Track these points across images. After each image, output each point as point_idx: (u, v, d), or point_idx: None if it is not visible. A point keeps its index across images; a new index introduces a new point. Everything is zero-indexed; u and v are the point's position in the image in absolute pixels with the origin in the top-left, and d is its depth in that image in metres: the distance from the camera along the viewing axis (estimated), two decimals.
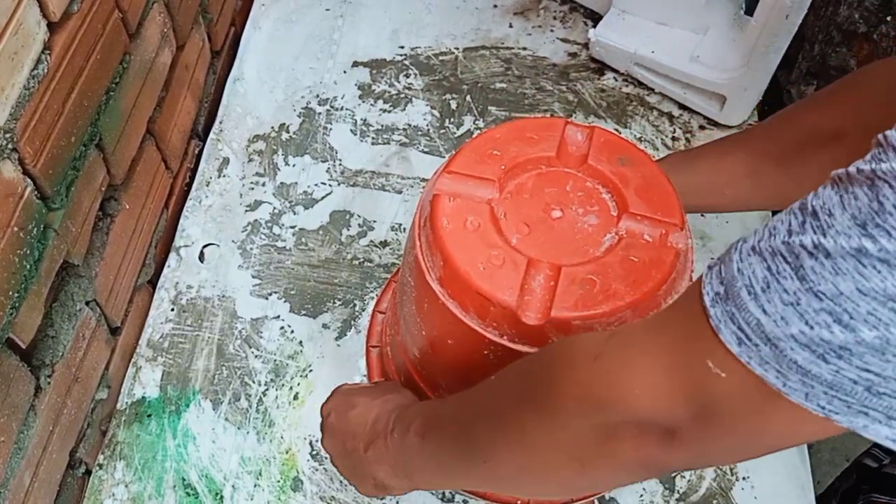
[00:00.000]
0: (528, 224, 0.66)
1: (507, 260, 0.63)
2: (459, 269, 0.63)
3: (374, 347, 0.89)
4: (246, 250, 1.04)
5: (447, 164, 0.69)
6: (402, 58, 1.23)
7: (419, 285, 0.68)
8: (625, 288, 0.62)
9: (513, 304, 0.61)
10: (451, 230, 0.64)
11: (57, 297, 0.77)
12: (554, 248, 0.65)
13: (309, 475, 0.88)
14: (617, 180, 0.68)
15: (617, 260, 0.63)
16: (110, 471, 0.87)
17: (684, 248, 0.65)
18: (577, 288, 0.62)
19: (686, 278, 0.66)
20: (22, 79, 0.66)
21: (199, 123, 1.14)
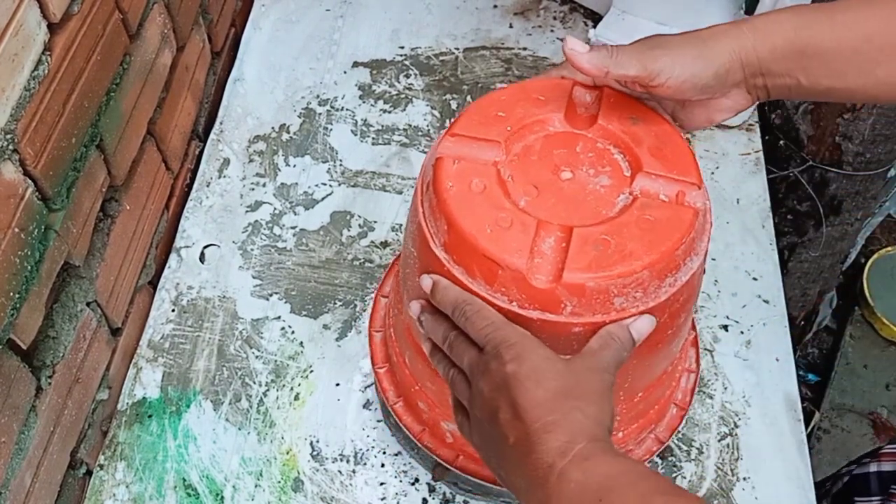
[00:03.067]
0: (537, 186, 0.63)
1: (515, 222, 0.60)
2: (465, 232, 0.59)
3: (378, 332, 0.85)
4: (246, 251, 1.04)
5: (450, 127, 0.66)
6: (403, 58, 1.24)
7: (423, 254, 0.64)
8: (641, 248, 0.58)
9: (522, 267, 0.58)
10: (456, 193, 0.61)
11: (58, 298, 0.77)
12: (564, 210, 0.61)
13: (310, 475, 0.88)
14: (629, 140, 0.64)
15: (632, 220, 0.60)
16: (111, 471, 0.87)
17: (703, 208, 0.61)
18: (591, 249, 0.58)
19: (705, 239, 0.62)
20: (22, 80, 0.66)
21: (200, 124, 1.14)
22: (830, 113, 1.24)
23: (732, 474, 0.89)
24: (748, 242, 1.06)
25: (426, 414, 0.76)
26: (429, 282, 0.62)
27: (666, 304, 0.60)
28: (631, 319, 0.59)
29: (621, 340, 0.58)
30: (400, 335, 0.76)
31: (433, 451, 0.77)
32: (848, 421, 1.73)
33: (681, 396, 0.79)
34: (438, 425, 0.75)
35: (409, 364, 0.75)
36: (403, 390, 0.79)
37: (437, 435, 0.77)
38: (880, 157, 1.28)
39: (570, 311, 0.58)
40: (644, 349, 0.61)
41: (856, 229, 1.43)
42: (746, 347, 0.98)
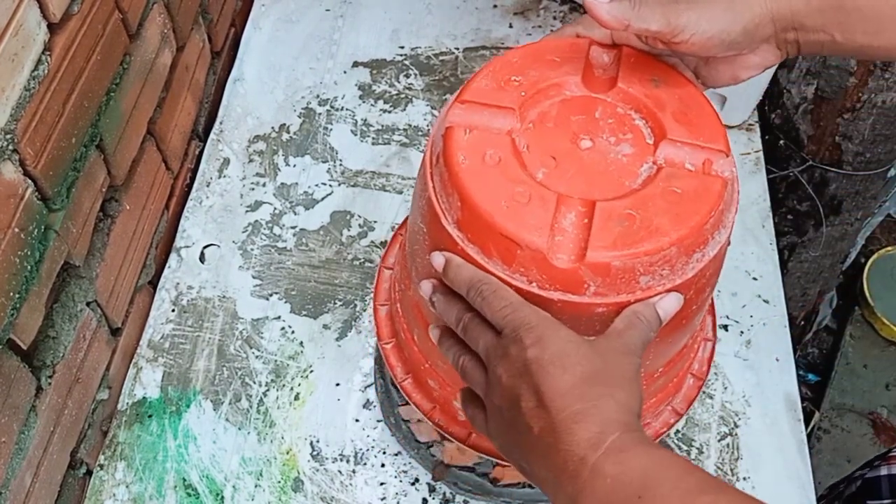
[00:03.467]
0: (555, 157, 0.59)
1: (533, 197, 0.56)
2: (480, 208, 0.55)
3: (383, 305, 0.80)
4: (246, 251, 1.04)
5: (459, 94, 0.62)
6: (403, 58, 1.24)
7: (433, 232, 0.60)
8: (668, 223, 0.54)
9: (542, 245, 0.54)
10: (469, 166, 0.57)
11: (58, 298, 0.77)
12: (585, 182, 0.57)
13: (310, 475, 0.88)
14: (651, 104, 0.60)
15: (657, 192, 0.56)
16: (111, 471, 0.87)
17: (731, 177, 0.58)
18: (615, 225, 0.54)
19: (733, 210, 0.59)
20: (22, 80, 0.66)
21: (200, 124, 1.14)
22: (830, 113, 1.24)
23: (732, 474, 0.89)
24: (748, 242, 1.06)
25: (437, 391, 0.73)
26: (441, 259, 0.58)
27: (693, 281, 0.57)
28: (657, 298, 0.55)
29: (647, 320, 0.55)
30: (408, 311, 0.72)
31: (445, 430, 0.74)
32: (848, 421, 1.73)
33: (697, 366, 0.75)
34: (450, 402, 0.72)
35: (417, 341, 0.71)
36: (412, 367, 0.76)
37: (448, 412, 0.74)
38: (880, 157, 1.28)
39: (593, 291, 0.55)
40: (668, 327, 0.58)
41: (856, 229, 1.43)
42: (746, 347, 0.98)
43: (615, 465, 0.47)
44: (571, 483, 0.48)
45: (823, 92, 1.22)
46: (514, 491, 0.82)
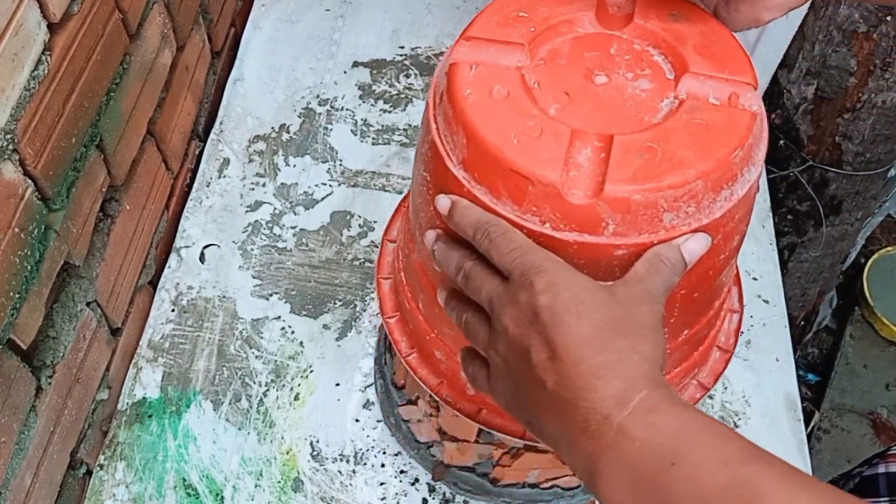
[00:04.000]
0: (568, 93, 0.55)
1: (545, 130, 0.52)
2: (488, 143, 0.52)
3: (386, 279, 0.77)
4: (246, 251, 1.04)
5: (464, 31, 0.58)
6: (403, 58, 1.24)
7: (438, 177, 0.57)
8: (693, 155, 0.51)
9: (556, 180, 0.50)
10: (475, 100, 0.54)
11: (58, 298, 0.77)
12: (601, 118, 0.54)
13: (310, 476, 0.88)
14: (671, 38, 0.57)
15: (680, 125, 0.52)
16: (111, 471, 0.87)
17: (759, 112, 0.54)
18: (635, 157, 0.51)
19: (762, 148, 0.55)
20: (22, 80, 0.66)
21: (200, 124, 1.14)
22: (830, 113, 1.24)
23: None
24: (748, 242, 1.06)
25: (444, 364, 0.70)
26: (446, 202, 0.54)
27: (721, 222, 0.53)
28: (682, 238, 0.51)
29: (672, 263, 0.50)
30: (411, 278, 0.69)
31: (453, 406, 0.70)
32: (848, 421, 1.73)
33: (724, 339, 0.72)
34: (458, 376, 0.68)
35: (422, 309, 0.68)
36: (417, 340, 0.72)
37: (456, 387, 0.70)
38: (880, 157, 1.28)
39: (612, 230, 0.51)
40: (694, 277, 0.55)
41: (856, 229, 1.43)
42: (746, 347, 0.98)
43: (645, 427, 0.43)
44: (592, 443, 0.44)
45: (823, 92, 1.22)
46: (514, 491, 0.82)
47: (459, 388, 0.70)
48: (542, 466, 0.80)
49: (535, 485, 0.82)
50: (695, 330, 0.63)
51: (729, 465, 0.41)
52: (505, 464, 0.80)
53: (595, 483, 0.44)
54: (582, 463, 0.45)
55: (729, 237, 0.55)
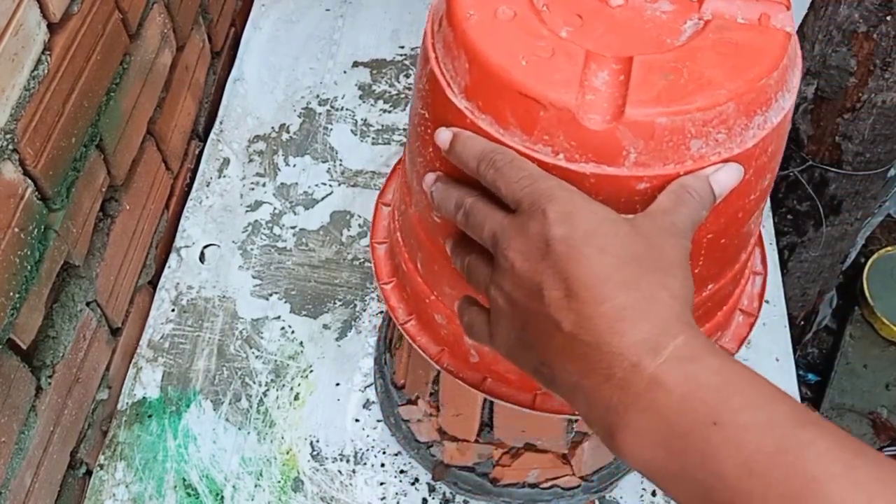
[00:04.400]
0: (581, 15, 0.50)
1: (557, 51, 0.47)
2: (493, 66, 0.47)
3: (381, 244, 0.73)
4: (246, 251, 1.04)
5: None
6: (403, 58, 1.23)
7: (437, 111, 0.52)
8: (723, 75, 0.46)
9: (571, 102, 0.45)
10: (478, 21, 0.49)
11: (58, 297, 0.77)
12: (618, 40, 0.49)
13: (310, 475, 0.88)
14: None
15: (707, 44, 0.47)
16: (111, 471, 0.87)
17: (793, 33, 0.50)
18: (658, 78, 0.46)
19: (798, 72, 0.51)
20: (22, 79, 0.66)
21: (200, 124, 1.14)
22: (830, 113, 1.24)
23: None
24: None
25: (445, 329, 0.65)
26: (446, 135, 0.49)
27: (753, 154, 0.48)
28: (711, 169, 0.46)
29: (699, 195, 0.45)
30: (408, 237, 0.64)
31: (456, 375, 0.66)
32: (848, 421, 1.72)
33: (747, 302, 0.67)
34: (460, 342, 0.64)
35: (420, 269, 0.64)
36: (416, 305, 0.67)
37: (458, 354, 0.66)
38: (880, 156, 1.28)
39: (633, 160, 0.46)
40: (722, 219, 0.50)
41: (856, 229, 1.43)
42: (746, 347, 0.98)
43: (683, 380, 0.38)
44: (616, 393, 0.39)
45: (823, 92, 1.22)
46: (514, 491, 0.82)
47: (462, 355, 0.65)
48: (542, 466, 0.80)
49: (535, 485, 0.82)
50: (720, 285, 0.58)
51: (778, 428, 0.36)
52: (505, 464, 0.80)
53: (616, 438, 0.40)
54: (601, 415, 0.40)
55: (761, 174, 0.50)
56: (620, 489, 0.87)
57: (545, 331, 0.42)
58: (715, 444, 0.37)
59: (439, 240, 0.56)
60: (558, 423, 0.75)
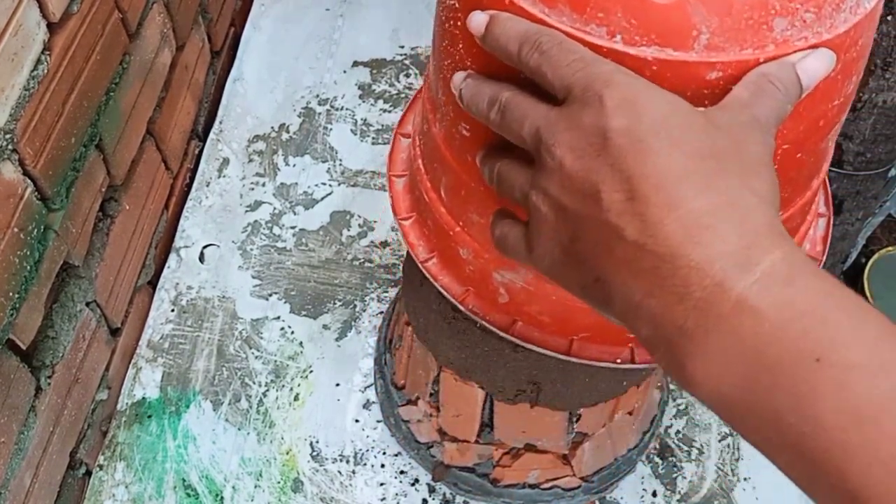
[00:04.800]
0: None
1: None
2: None
3: (399, 176, 0.67)
4: (246, 251, 1.04)
5: None
6: (403, 57, 1.23)
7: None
8: None
9: None
10: None
11: (57, 298, 0.77)
12: None
13: (309, 476, 0.88)
14: None
15: None
16: (110, 471, 0.87)
17: None
18: None
19: None
20: (22, 79, 0.65)
21: (199, 124, 1.14)
22: None
23: (733, 474, 0.89)
24: None
25: (470, 266, 0.58)
26: (481, 17, 0.41)
27: (843, 43, 0.41)
28: (797, 55, 0.39)
29: (784, 86, 0.38)
30: (432, 161, 0.58)
31: (482, 317, 0.59)
32: None
33: (809, 246, 0.62)
34: (488, 280, 0.57)
35: (445, 197, 0.57)
36: (438, 240, 0.61)
37: (485, 295, 0.59)
38: (881, 156, 1.28)
39: (705, 42, 0.39)
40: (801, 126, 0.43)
41: (856, 229, 1.43)
42: None
43: (780, 305, 0.32)
44: (693, 315, 0.33)
45: None
46: (514, 491, 0.82)
47: (489, 295, 0.58)
48: (543, 467, 0.80)
49: (536, 485, 0.82)
50: (788, 214, 0.51)
51: (893, 372, 0.31)
52: (505, 464, 0.80)
53: (687, 367, 0.34)
54: (669, 340, 0.34)
55: (848, 73, 0.43)
56: (621, 489, 0.87)
57: (602, 241, 0.36)
58: (814, 384, 0.31)
59: (467, 157, 0.50)
60: (559, 423, 0.75)
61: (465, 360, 0.71)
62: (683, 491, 0.88)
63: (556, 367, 0.67)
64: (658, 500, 0.87)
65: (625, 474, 0.85)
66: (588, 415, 0.75)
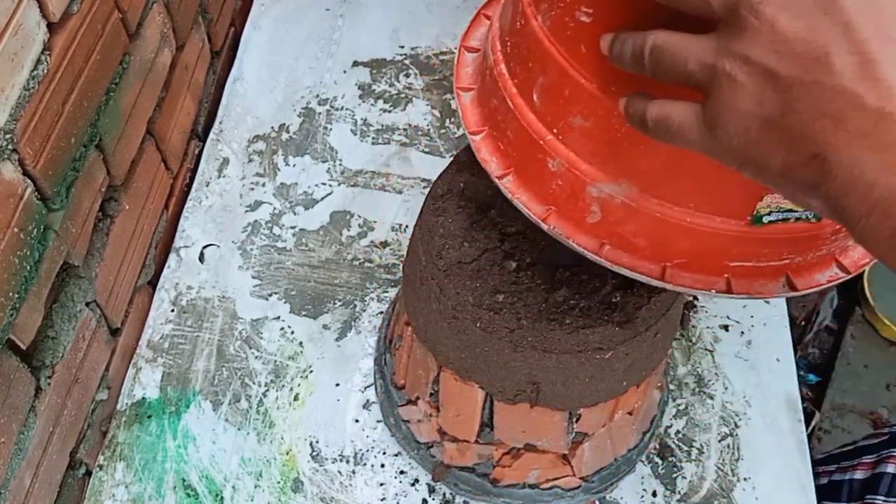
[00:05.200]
0: None
1: None
2: None
3: (467, 90, 0.63)
4: (246, 251, 1.04)
5: None
6: (403, 57, 1.23)
7: None
8: None
9: None
10: None
11: (57, 298, 0.77)
12: None
13: (309, 476, 0.88)
14: None
15: None
16: (110, 472, 0.87)
17: None
18: None
19: None
20: (22, 79, 0.65)
21: (199, 124, 1.14)
22: None
23: (733, 474, 0.89)
24: None
25: (560, 180, 0.53)
26: None
27: None
28: None
29: None
30: (526, 61, 0.53)
31: (566, 237, 0.55)
32: (848, 421, 1.72)
33: None
34: (579, 195, 0.53)
35: (538, 101, 0.53)
36: (520, 152, 0.56)
37: (570, 214, 0.54)
38: None
39: None
40: None
41: None
42: (747, 347, 0.97)
43: None
44: None
45: None
46: (514, 491, 0.82)
47: (577, 214, 0.54)
48: (543, 467, 0.80)
49: (536, 485, 0.82)
50: None
51: None
52: (505, 464, 0.80)
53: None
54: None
55: None
56: (620, 490, 0.87)
57: (830, 111, 0.32)
58: None
59: (580, 48, 0.46)
60: (559, 423, 0.75)
61: (465, 360, 0.71)
62: (683, 491, 0.88)
63: (555, 367, 0.67)
64: (658, 500, 0.87)
65: (625, 474, 0.85)
66: (588, 415, 0.75)
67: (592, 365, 0.68)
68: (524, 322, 0.66)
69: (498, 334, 0.67)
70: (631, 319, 0.66)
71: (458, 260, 0.69)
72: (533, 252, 0.70)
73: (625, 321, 0.66)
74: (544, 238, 0.66)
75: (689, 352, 0.97)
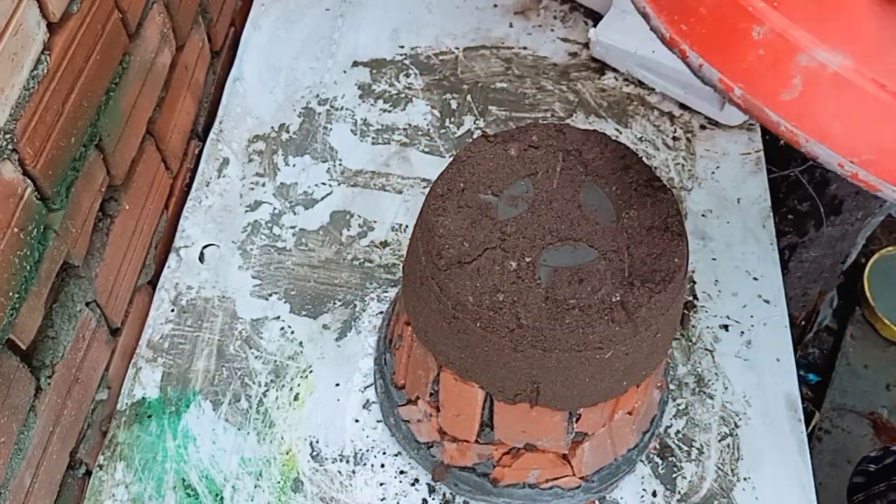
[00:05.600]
0: None
1: None
2: None
3: None
4: (246, 251, 1.04)
5: None
6: (402, 57, 1.23)
7: None
8: None
9: None
10: None
11: (57, 297, 0.77)
12: None
13: (309, 476, 0.88)
14: None
15: None
16: (110, 471, 0.87)
17: None
18: None
19: None
20: (22, 79, 0.66)
21: (199, 124, 1.14)
22: None
23: (733, 474, 0.89)
24: (749, 242, 1.06)
25: (762, 48, 0.48)
26: None
27: None
28: None
29: None
30: None
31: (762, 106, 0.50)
32: (848, 421, 1.72)
33: None
34: (783, 66, 0.47)
35: None
36: (713, 23, 0.51)
37: (765, 91, 0.50)
38: None
39: None
40: None
41: (856, 229, 1.43)
42: (747, 347, 0.97)
43: None
44: None
45: None
46: (514, 491, 0.82)
47: (770, 91, 0.50)
48: (543, 467, 0.80)
49: (535, 485, 0.82)
50: None
51: None
52: (505, 464, 0.80)
53: None
54: None
55: None
56: (620, 489, 0.87)
57: None
58: None
59: None
60: (559, 423, 0.75)
61: (465, 359, 0.71)
62: (683, 491, 0.88)
63: (555, 367, 0.67)
64: (658, 500, 0.87)
65: (625, 474, 0.85)
66: (588, 415, 0.75)
67: (592, 364, 0.68)
68: (524, 322, 0.66)
69: (498, 334, 0.67)
70: (631, 319, 0.66)
71: (458, 260, 0.69)
72: (533, 252, 0.70)
73: (625, 320, 0.66)
74: (545, 237, 0.66)
75: (689, 352, 0.97)
